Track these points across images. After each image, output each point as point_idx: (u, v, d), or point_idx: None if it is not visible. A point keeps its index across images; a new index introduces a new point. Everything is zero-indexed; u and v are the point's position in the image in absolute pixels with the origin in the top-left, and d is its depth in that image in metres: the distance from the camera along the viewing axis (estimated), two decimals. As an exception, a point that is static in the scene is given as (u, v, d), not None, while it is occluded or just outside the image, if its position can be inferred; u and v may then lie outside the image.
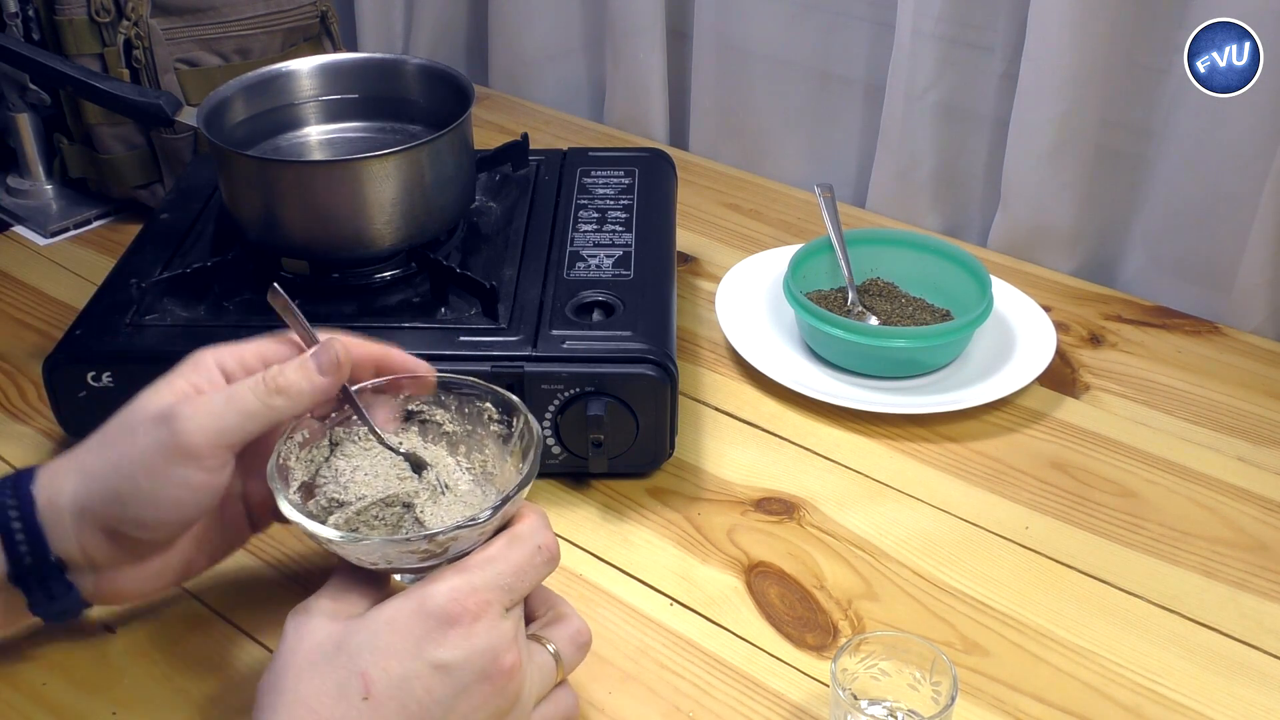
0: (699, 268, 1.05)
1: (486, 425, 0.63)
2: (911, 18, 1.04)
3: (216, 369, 0.59)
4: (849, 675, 0.61)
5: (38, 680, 0.66)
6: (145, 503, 0.57)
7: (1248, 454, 0.83)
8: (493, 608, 0.53)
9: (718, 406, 0.88)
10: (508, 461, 0.62)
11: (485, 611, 0.52)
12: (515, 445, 0.61)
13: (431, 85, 0.90)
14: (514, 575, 0.54)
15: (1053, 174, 1.02)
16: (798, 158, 1.22)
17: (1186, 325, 0.97)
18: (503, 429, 0.62)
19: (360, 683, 0.50)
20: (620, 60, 1.27)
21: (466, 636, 0.52)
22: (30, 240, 1.08)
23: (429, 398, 0.63)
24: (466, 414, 0.63)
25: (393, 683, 0.50)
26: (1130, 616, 0.71)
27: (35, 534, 0.58)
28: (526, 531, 0.56)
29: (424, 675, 0.51)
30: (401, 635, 0.51)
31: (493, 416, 0.62)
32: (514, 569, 0.54)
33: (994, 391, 0.86)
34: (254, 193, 0.81)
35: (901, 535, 0.76)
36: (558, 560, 0.57)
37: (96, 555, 0.59)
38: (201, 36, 1.05)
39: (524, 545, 0.55)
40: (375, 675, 0.50)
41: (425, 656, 0.51)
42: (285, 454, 0.59)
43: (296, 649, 0.52)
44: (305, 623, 0.53)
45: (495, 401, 0.62)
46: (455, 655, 0.51)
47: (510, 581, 0.54)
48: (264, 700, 0.51)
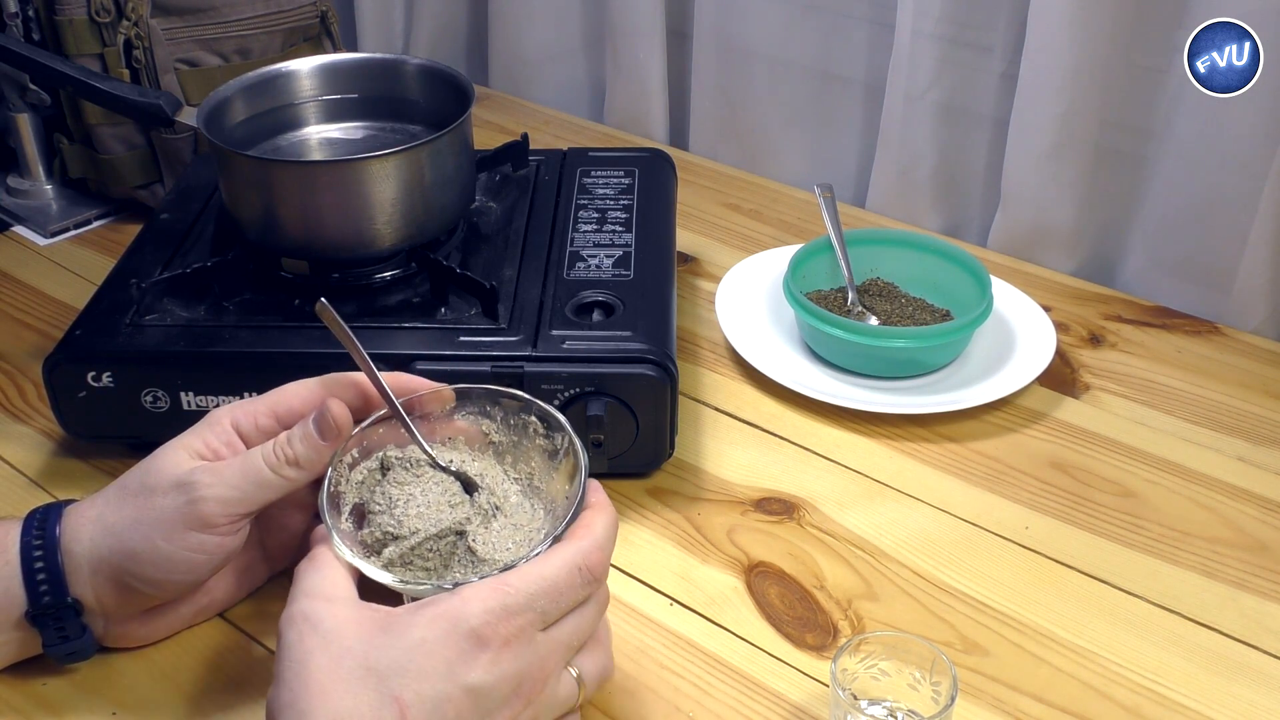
0: (699, 268, 1.04)
1: (532, 438, 0.63)
2: (911, 18, 1.04)
3: (232, 429, 0.61)
4: (849, 675, 0.61)
5: (38, 680, 0.66)
6: (160, 563, 0.59)
7: (1248, 454, 0.83)
8: (525, 632, 0.53)
9: (718, 406, 0.88)
10: (554, 477, 0.62)
11: (517, 637, 0.52)
12: (561, 462, 0.61)
13: (431, 85, 0.90)
14: (550, 599, 0.53)
15: (1053, 174, 1.02)
16: (798, 158, 1.22)
17: (1186, 325, 0.97)
18: (548, 443, 0.62)
19: (396, 708, 0.50)
20: (620, 60, 1.27)
21: (497, 661, 0.52)
22: (30, 240, 1.08)
23: (475, 407, 0.63)
24: (513, 425, 0.63)
25: (426, 706, 0.50)
26: (1130, 616, 0.71)
27: (56, 575, 0.60)
28: (571, 553, 0.55)
29: (456, 698, 0.51)
30: (434, 658, 0.51)
31: (538, 430, 0.63)
32: (551, 593, 0.53)
33: (994, 391, 0.86)
34: (254, 193, 0.81)
35: (901, 535, 0.76)
36: (601, 580, 0.56)
37: (108, 603, 0.62)
38: (201, 36, 1.05)
39: (565, 567, 0.54)
40: (409, 699, 0.50)
41: (457, 679, 0.51)
42: (336, 480, 0.60)
43: (309, 663, 0.51)
44: (310, 634, 0.52)
45: (539, 415, 0.62)
46: (487, 679, 0.51)
47: (545, 605, 0.53)
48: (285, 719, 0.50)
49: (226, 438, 0.61)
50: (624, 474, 0.79)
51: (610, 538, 0.57)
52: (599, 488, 0.59)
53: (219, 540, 0.59)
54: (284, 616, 0.53)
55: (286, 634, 0.53)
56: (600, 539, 0.56)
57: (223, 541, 0.60)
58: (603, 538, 0.56)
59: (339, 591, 0.54)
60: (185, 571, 0.60)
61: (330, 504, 0.58)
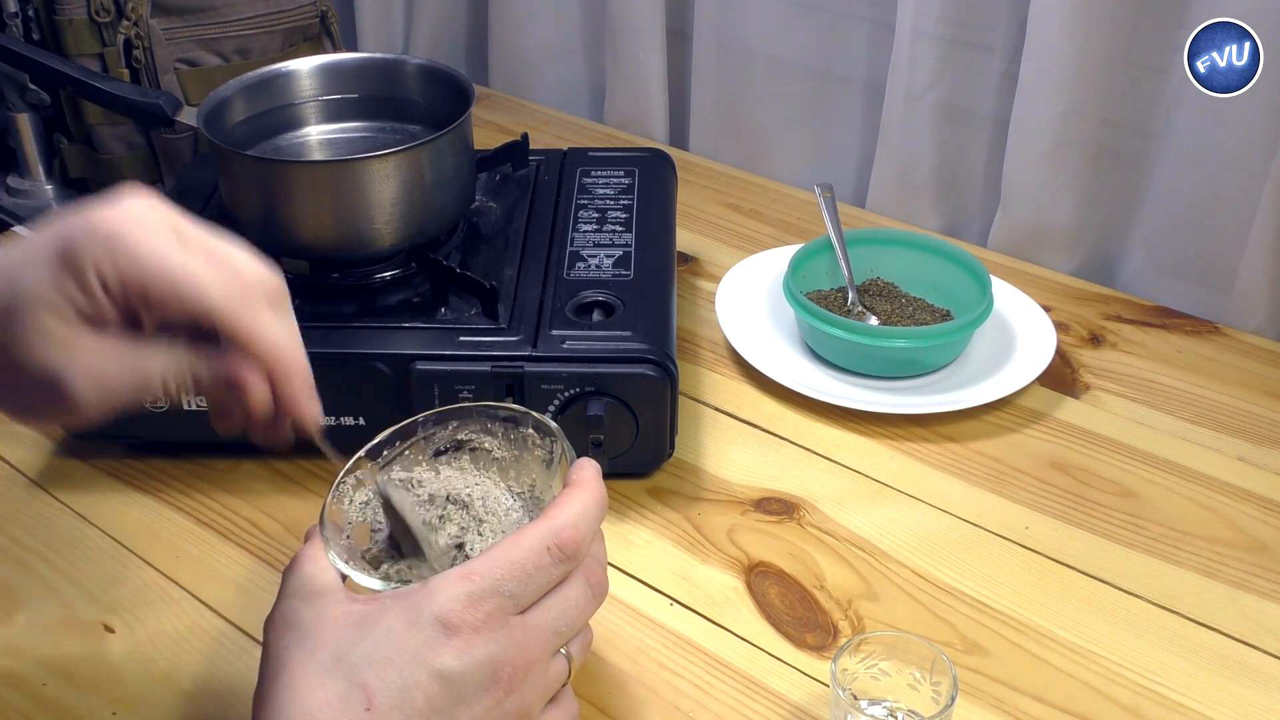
0: (699, 268, 1.05)
1: (531, 450, 0.62)
2: (911, 18, 1.04)
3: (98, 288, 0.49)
4: (849, 675, 0.61)
5: (37, 680, 0.66)
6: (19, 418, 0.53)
7: (1248, 454, 0.83)
8: (496, 617, 0.51)
9: (718, 406, 0.88)
10: (552, 486, 0.61)
11: (487, 623, 0.51)
12: (556, 469, 0.61)
13: (431, 85, 0.90)
14: (518, 581, 0.52)
15: (1053, 174, 1.02)
16: (798, 158, 1.22)
17: (1186, 325, 0.97)
18: (545, 453, 0.62)
19: (362, 695, 0.49)
20: (620, 60, 1.27)
21: (468, 647, 0.50)
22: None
23: (477, 426, 0.63)
24: (513, 440, 0.63)
25: (393, 693, 0.49)
26: (1130, 616, 0.71)
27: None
28: (540, 533, 0.53)
29: (424, 684, 0.50)
30: (400, 646, 0.50)
31: (535, 441, 0.62)
32: (519, 575, 0.52)
33: (994, 391, 0.86)
34: (254, 193, 0.81)
35: (901, 535, 0.76)
36: (574, 557, 0.53)
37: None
38: (201, 36, 1.05)
39: (532, 547, 0.52)
40: (375, 686, 0.49)
41: (425, 665, 0.50)
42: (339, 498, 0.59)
43: (285, 659, 0.51)
44: (287, 632, 0.52)
45: (534, 426, 0.62)
46: (455, 665, 0.50)
47: (514, 588, 0.51)
48: (262, 716, 0.50)
49: (93, 300, 0.49)
50: (624, 474, 0.79)
51: (587, 514, 0.54)
52: (587, 465, 0.57)
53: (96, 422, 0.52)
54: (267, 619, 0.53)
55: (267, 634, 0.53)
56: (572, 516, 0.54)
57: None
58: (575, 514, 0.54)
59: (320, 589, 0.54)
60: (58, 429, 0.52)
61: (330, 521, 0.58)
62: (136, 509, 0.78)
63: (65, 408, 0.49)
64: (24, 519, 0.77)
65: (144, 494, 0.79)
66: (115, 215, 0.49)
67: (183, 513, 0.78)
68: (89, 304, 0.48)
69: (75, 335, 0.48)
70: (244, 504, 0.78)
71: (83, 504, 0.78)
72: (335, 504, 0.59)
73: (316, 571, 0.54)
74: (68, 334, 0.48)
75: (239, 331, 0.51)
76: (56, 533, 0.76)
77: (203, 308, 0.49)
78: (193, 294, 0.49)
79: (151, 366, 0.50)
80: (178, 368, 0.51)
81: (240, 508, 0.78)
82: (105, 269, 0.48)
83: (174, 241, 0.50)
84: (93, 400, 0.49)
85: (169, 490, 0.80)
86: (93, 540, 0.76)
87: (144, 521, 0.77)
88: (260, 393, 0.52)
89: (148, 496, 0.79)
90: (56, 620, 0.70)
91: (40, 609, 0.71)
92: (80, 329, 0.49)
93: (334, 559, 0.55)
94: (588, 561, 0.55)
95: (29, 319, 0.48)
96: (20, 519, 0.77)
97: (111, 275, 0.48)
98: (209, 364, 0.51)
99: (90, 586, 0.72)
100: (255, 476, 0.80)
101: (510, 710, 0.52)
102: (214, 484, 0.80)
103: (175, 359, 0.51)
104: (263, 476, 0.80)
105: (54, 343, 0.48)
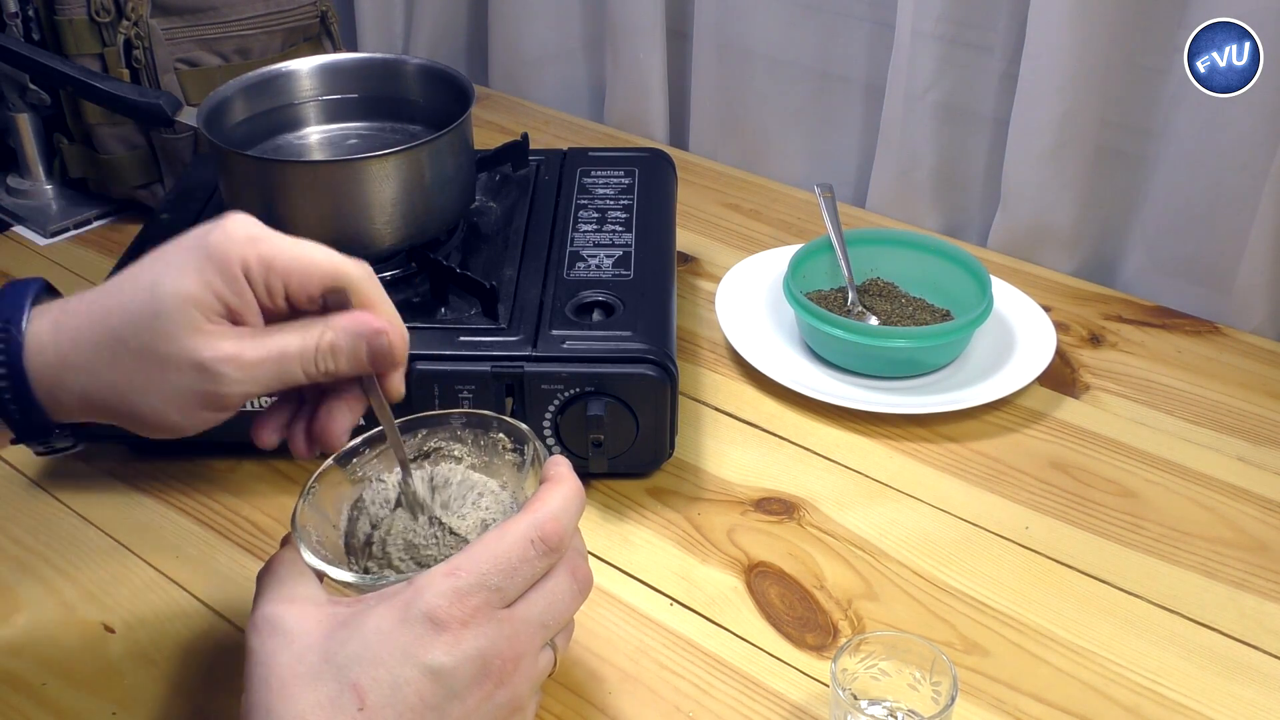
0: (699, 268, 1.05)
1: (502, 455, 0.63)
2: (911, 18, 1.04)
3: (244, 279, 0.53)
4: (849, 675, 0.61)
5: (37, 680, 0.66)
6: (167, 427, 0.55)
7: (1248, 454, 0.83)
8: (481, 612, 0.51)
9: (718, 406, 0.88)
10: (526, 487, 0.61)
11: (475, 617, 0.51)
12: (529, 472, 0.61)
13: (431, 85, 0.90)
14: (503, 575, 0.52)
15: (1053, 174, 1.02)
16: (798, 158, 1.22)
17: (1186, 325, 0.97)
18: (516, 457, 0.62)
19: (354, 695, 0.49)
20: (620, 60, 1.27)
21: (457, 642, 0.51)
22: (30, 240, 1.08)
23: (446, 433, 0.63)
24: (483, 445, 0.63)
25: (384, 691, 0.50)
26: (1130, 616, 0.71)
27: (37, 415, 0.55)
28: (523, 526, 0.53)
29: (415, 680, 0.50)
30: (390, 644, 0.50)
31: (506, 446, 0.62)
32: (504, 569, 0.52)
33: (994, 391, 0.86)
34: (254, 193, 0.81)
35: (901, 535, 0.76)
36: (558, 550, 0.54)
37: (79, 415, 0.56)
38: (201, 36, 1.05)
39: (516, 541, 0.53)
40: (367, 685, 0.49)
41: (415, 662, 0.50)
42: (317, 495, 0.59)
43: (272, 664, 0.51)
44: (271, 636, 0.52)
45: (505, 431, 0.62)
46: (446, 661, 0.50)
47: (499, 582, 0.52)
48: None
49: (240, 292, 0.53)
50: (624, 474, 0.79)
51: (567, 507, 0.55)
52: (561, 462, 0.58)
53: (233, 412, 0.55)
54: (249, 623, 0.53)
55: (251, 640, 0.52)
56: (554, 509, 0.54)
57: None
58: (557, 507, 0.54)
59: (301, 592, 0.54)
60: (191, 430, 0.55)
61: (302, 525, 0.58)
62: (136, 509, 0.78)
63: (213, 400, 0.53)
64: (24, 519, 0.77)
65: (144, 494, 0.79)
66: (241, 221, 0.55)
67: (183, 513, 0.78)
68: (235, 295, 0.53)
69: (219, 327, 0.53)
70: (244, 504, 0.78)
71: (83, 504, 0.78)
72: (307, 507, 0.59)
73: (294, 573, 0.55)
74: (213, 326, 0.52)
75: (372, 296, 0.56)
76: (56, 533, 0.76)
77: (343, 281, 0.55)
78: (334, 270, 0.54)
79: (290, 346, 0.54)
80: (316, 339, 0.54)
81: (240, 508, 0.78)
82: (251, 262, 0.53)
83: (292, 238, 0.55)
84: (238, 386, 0.53)
85: (169, 490, 0.80)
86: (93, 540, 0.76)
87: (144, 521, 0.77)
88: (398, 335, 0.56)
89: (148, 496, 0.79)
90: (56, 620, 0.70)
91: (40, 609, 0.71)
92: (223, 322, 0.53)
93: (310, 558, 0.55)
94: (570, 554, 0.55)
95: (177, 315, 0.52)
96: (20, 519, 0.77)
97: (257, 267, 0.53)
98: (342, 325, 0.55)
99: (90, 586, 0.72)
100: (255, 477, 0.80)
101: (501, 703, 0.52)
102: (214, 484, 0.80)
103: (310, 333, 0.54)
104: (263, 477, 0.80)
105: (202, 334, 0.52)
